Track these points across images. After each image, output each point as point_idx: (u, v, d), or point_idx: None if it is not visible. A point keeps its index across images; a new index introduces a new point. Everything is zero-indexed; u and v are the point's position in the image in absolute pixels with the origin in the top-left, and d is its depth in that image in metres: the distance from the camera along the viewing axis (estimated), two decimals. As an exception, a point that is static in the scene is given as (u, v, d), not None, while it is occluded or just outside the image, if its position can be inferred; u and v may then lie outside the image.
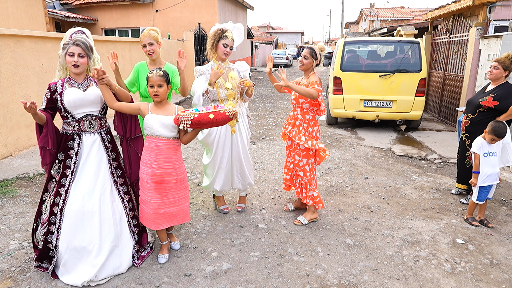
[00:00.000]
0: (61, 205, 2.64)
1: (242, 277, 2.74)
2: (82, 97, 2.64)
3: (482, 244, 3.25)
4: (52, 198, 2.67)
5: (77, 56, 2.60)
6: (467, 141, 4.02)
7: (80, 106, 2.65)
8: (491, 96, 3.79)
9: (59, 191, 2.66)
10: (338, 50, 7.65)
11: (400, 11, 35.96)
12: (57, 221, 2.63)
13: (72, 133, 2.69)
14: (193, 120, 2.52)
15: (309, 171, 3.53)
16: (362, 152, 6.11)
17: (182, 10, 15.02)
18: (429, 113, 9.61)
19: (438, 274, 2.81)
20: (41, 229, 2.70)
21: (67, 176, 2.67)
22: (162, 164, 2.72)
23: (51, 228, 2.65)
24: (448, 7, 8.31)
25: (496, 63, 3.82)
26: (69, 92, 2.62)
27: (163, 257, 2.91)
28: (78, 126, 2.68)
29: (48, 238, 2.66)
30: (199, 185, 4.53)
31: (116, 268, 2.71)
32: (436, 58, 9.54)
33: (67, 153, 2.69)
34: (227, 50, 3.40)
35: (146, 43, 3.28)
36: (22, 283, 2.61)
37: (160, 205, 2.76)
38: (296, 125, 3.53)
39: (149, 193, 2.74)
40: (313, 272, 2.82)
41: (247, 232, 3.40)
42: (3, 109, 5.22)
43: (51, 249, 2.67)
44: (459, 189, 4.33)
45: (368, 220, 3.67)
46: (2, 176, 4.61)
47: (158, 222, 2.79)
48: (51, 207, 2.66)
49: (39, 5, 10.38)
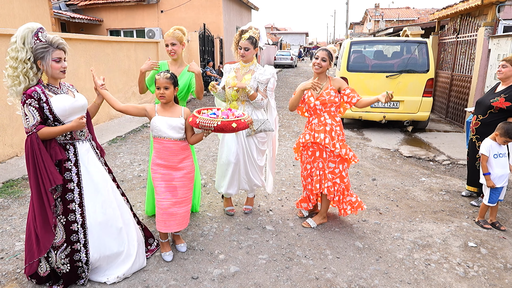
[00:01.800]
0: (80, 220, 2.48)
1: (250, 280, 2.70)
2: (75, 104, 2.47)
3: (495, 247, 3.18)
4: (62, 217, 2.46)
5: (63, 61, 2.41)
6: (477, 142, 3.93)
7: (72, 114, 2.46)
8: (503, 97, 3.72)
9: (68, 208, 2.46)
10: (344, 50, 7.59)
11: (406, 12, 35.78)
12: (81, 237, 2.49)
13: (64, 143, 2.48)
14: (216, 127, 2.55)
15: (345, 176, 3.40)
16: (369, 153, 6.05)
17: (187, 10, 15.01)
18: (436, 114, 9.52)
19: (451, 279, 2.75)
20: (60, 253, 2.47)
21: (72, 190, 2.48)
22: (172, 163, 2.75)
23: (75, 247, 2.48)
24: (456, 7, 8.22)
25: (504, 61, 3.78)
26: (58, 99, 2.39)
27: (168, 255, 2.91)
28: (70, 134, 2.49)
29: (75, 257, 2.50)
30: (205, 186, 4.49)
31: (141, 264, 2.77)
32: (443, 59, 9.45)
33: (64, 166, 2.46)
34: (242, 51, 3.41)
35: (169, 43, 3.24)
36: (27, 285, 2.58)
37: (170, 205, 2.76)
38: (327, 131, 3.29)
39: (160, 192, 2.76)
40: (322, 276, 2.76)
41: (255, 234, 3.35)
42: (8, 110, 5.21)
43: (80, 267, 2.53)
44: (469, 191, 4.26)
45: (377, 222, 3.61)
46: (7, 177, 4.59)
47: (168, 223, 2.79)
48: (65, 226, 2.46)
49: (45, 6, 10.40)
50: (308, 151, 3.43)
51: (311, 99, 3.35)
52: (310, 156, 3.42)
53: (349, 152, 3.34)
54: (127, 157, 5.67)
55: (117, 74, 8.62)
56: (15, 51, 2.33)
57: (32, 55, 2.35)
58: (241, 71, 3.49)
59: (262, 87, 3.44)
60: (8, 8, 8.97)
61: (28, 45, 2.34)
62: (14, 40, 2.34)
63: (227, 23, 16.15)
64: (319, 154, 3.37)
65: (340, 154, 3.30)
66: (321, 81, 3.35)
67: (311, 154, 3.41)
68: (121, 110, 2.71)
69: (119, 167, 5.19)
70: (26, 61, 2.34)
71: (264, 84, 3.43)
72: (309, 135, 3.36)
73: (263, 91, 3.45)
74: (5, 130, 5.17)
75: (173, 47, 3.24)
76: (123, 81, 8.86)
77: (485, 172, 3.48)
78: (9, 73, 2.35)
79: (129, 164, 5.33)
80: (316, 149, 3.37)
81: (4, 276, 2.68)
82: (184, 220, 2.86)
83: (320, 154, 3.37)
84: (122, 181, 4.65)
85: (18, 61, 2.33)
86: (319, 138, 3.28)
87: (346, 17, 33.98)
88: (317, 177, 3.40)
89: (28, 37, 2.34)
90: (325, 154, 3.35)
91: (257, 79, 3.40)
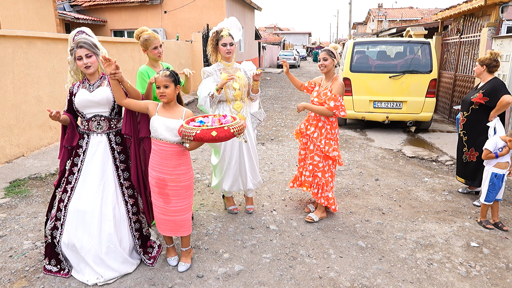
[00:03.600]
0: (66, 201, 2.70)
1: (254, 279, 2.74)
2: (89, 98, 2.67)
3: (497, 247, 3.20)
4: (60, 193, 2.74)
5: (85, 58, 2.61)
6: (464, 137, 4.19)
7: (88, 107, 2.70)
8: (481, 93, 3.95)
9: (66, 188, 2.73)
10: (348, 51, 7.61)
11: (409, 12, 35.70)
12: (62, 217, 2.69)
13: (82, 132, 2.77)
14: (195, 137, 2.39)
15: (327, 172, 3.57)
16: (372, 154, 6.07)
17: (190, 11, 15.07)
18: (439, 114, 9.52)
19: (453, 278, 2.78)
20: (49, 224, 2.73)
21: (74, 173, 2.74)
22: (165, 168, 2.62)
23: (57, 224, 2.70)
24: (459, 7, 8.22)
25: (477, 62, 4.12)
26: (79, 93, 2.70)
27: (173, 259, 2.89)
28: (87, 125, 2.75)
29: (53, 233, 2.71)
30: (209, 186, 4.53)
31: (118, 269, 2.69)
32: (447, 59, 9.45)
33: (77, 151, 2.76)
34: (227, 48, 3.39)
35: (158, 45, 3.24)
36: (36, 283, 2.63)
37: (164, 211, 2.70)
38: (319, 126, 3.55)
39: (155, 196, 2.72)
40: (325, 275, 2.80)
41: (259, 234, 3.39)
42: (15, 110, 5.28)
43: (56, 245, 2.71)
44: (467, 188, 4.38)
45: (380, 222, 3.64)
46: (14, 176, 4.65)
47: (162, 227, 2.76)
48: (58, 202, 2.73)
49: (50, 7, 10.48)
50: (303, 139, 3.74)
51: (314, 93, 3.63)
52: (304, 144, 3.74)
53: (334, 152, 3.51)
54: (132, 157, 5.72)
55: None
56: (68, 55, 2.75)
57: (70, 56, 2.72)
58: (230, 70, 3.47)
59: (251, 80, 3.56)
60: (14, 10, 9.05)
61: (69, 48, 2.73)
62: None
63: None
64: (309, 145, 3.66)
65: (322, 150, 3.50)
66: (328, 80, 3.56)
67: (305, 142, 3.73)
68: (123, 104, 2.68)
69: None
70: (69, 62, 2.74)
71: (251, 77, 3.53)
72: (304, 125, 3.71)
73: None
74: (12, 130, 5.24)
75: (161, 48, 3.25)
76: (127, 82, 8.91)
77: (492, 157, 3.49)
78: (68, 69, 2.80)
79: (134, 164, 5.37)
80: (308, 140, 3.67)
81: (13, 274, 2.73)
82: (182, 228, 2.74)
83: (313, 150, 3.60)
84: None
85: (68, 61, 2.76)
86: (309, 130, 3.61)
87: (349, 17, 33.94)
88: (303, 163, 3.77)
89: (70, 41, 2.73)
90: (312, 146, 3.60)
91: (247, 74, 3.53)
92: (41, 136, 5.81)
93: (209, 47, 3.48)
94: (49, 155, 5.53)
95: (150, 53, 3.23)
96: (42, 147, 5.86)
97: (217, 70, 3.45)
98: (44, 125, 5.89)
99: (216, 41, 3.42)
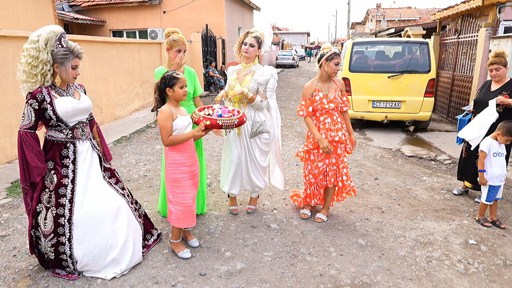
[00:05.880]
0: (68, 215, 2.58)
1: (256, 276, 2.77)
2: (78, 106, 2.59)
3: (495, 245, 3.25)
4: (54, 209, 2.58)
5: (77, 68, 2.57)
6: None
7: (75, 115, 2.59)
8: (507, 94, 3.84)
9: (59, 201, 2.58)
10: (347, 51, 7.66)
11: (407, 11, 35.80)
12: (67, 232, 2.59)
13: (65, 141, 2.61)
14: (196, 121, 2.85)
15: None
16: (371, 153, 6.11)
17: (189, 11, 15.09)
18: (438, 114, 9.58)
19: (452, 275, 2.82)
20: (47, 242, 2.61)
21: (66, 185, 2.60)
22: (193, 160, 2.92)
23: (60, 239, 2.59)
24: (457, 8, 8.28)
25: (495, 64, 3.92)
26: (62, 101, 2.51)
27: (187, 252, 3.00)
28: (71, 134, 2.61)
29: (60, 249, 2.62)
30: (210, 186, 4.57)
31: (136, 259, 2.82)
32: (445, 59, 9.51)
33: (61, 162, 2.61)
34: (245, 47, 3.42)
35: (182, 50, 3.28)
36: (40, 282, 2.66)
37: (193, 200, 2.91)
38: (340, 128, 3.50)
39: (189, 190, 2.86)
40: (326, 272, 2.84)
41: (260, 232, 3.42)
42: (16, 110, 5.30)
43: (64, 260, 2.64)
44: (461, 189, 4.36)
45: (380, 220, 3.68)
46: (16, 177, 4.68)
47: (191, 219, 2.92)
48: (55, 218, 2.58)
49: (49, 7, 10.48)
50: (319, 150, 3.50)
51: (324, 100, 3.43)
52: (322, 154, 3.51)
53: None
54: (133, 157, 5.76)
55: (121, 75, 8.70)
56: (36, 50, 2.39)
57: (51, 58, 2.44)
58: (242, 72, 3.51)
59: (262, 88, 3.45)
60: (13, 10, 9.06)
61: (49, 48, 2.43)
62: (36, 39, 2.40)
63: (229, 24, 16.23)
64: (332, 151, 3.47)
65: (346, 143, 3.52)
66: (326, 83, 3.50)
67: (322, 152, 3.48)
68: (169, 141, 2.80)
69: (125, 167, 5.27)
70: (46, 62, 2.42)
71: (264, 85, 3.44)
72: (325, 134, 3.46)
73: (263, 92, 3.46)
74: (13, 130, 5.26)
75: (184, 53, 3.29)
76: (127, 82, 8.94)
77: (481, 169, 3.56)
78: (25, 69, 2.41)
79: (135, 164, 5.41)
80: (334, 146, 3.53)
81: (18, 273, 2.76)
82: None
83: (334, 151, 3.50)
84: (129, 180, 4.74)
85: (39, 61, 2.40)
86: (337, 136, 3.45)
87: (347, 17, 33.99)
88: (332, 172, 3.56)
89: (51, 40, 2.43)
90: (339, 150, 3.51)
91: (257, 81, 3.42)
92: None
93: (236, 46, 3.55)
94: (50, 155, 5.55)
95: (172, 54, 3.30)
96: (43, 147, 5.88)
97: (234, 71, 3.58)
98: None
99: (243, 39, 3.47)
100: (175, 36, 3.27)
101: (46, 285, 2.62)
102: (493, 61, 3.89)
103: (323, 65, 3.41)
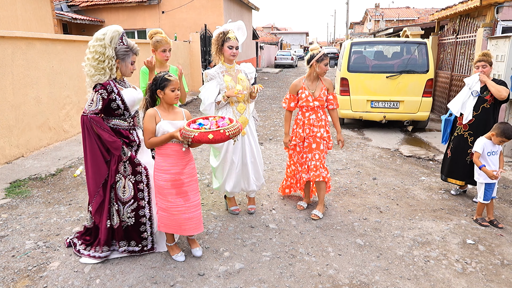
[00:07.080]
0: (145, 181, 2.87)
1: (254, 276, 2.78)
2: (139, 96, 2.93)
3: (493, 244, 3.26)
4: (131, 177, 2.84)
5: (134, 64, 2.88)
6: (469, 138, 4.12)
7: (136, 104, 2.93)
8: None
9: (136, 170, 2.85)
10: (345, 51, 7.67)
11: (406, 11, 35.87)
12: (146, 195, 2.89)
13: (128, 128, 2.91)
14: (193, 139, 2.51)
15: None
16: (370, 153, 6.13)
17: (188, 11, 15.10)
18: (436, 113, 9.60)
19: (449, 274, 2.83)
20: (127, 208, 2.86)
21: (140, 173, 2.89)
22: (179, 167, 2.74)
23: (141, 203, 2.88)
24: (455, 8, 8.30)
25: None
26: (128, 92, 2.84)
27: (180, 255, 2.97)
28: (133, 121, 2.94)
29: (140, 212, 2.89)
30: (209, 186, 4.57)
31: None
32: (443, 59, 9.53)
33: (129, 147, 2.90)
34: (233, 51, 3.41)
35: (167, 49, 3.36)
36: (39, 282, 2.67)
37: (185, 210, 2.78)
38: (323, 125, 3.73)
39: (172, 199, 2.76)
40: (324, 272, 2.85)
41: (258, 233, 3.43)
42: (15, 111, 5.30)
43: (143, 223, 2.91)
44: (459, 189, 4.39)
45: (378, 220, 3.70)
46: (15, 177, 4.68)
47: (187, 227, 2.81)
48: (134, 185, 2.84)
49: (47, 7, 10.48)
50: (304, 142, 3.76)
51: (310, 98, 3.66)
52: (306, 147, 3.75)
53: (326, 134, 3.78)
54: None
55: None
56: (103, 47, 2.69)
57: (115, 54, 2.75)
58: (232, 72, 3.49)
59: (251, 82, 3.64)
60: (11, 10, 9.05)
61: (113, 45, 2.73)
62: (102, 38, 2.70)
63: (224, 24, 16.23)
64: (315, 146, 3.69)
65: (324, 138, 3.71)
66: (314, 82, 3.70)
67: (307, 145, 3.74)
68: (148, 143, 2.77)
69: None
70: (111, 58, 2.73)
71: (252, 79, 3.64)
72: (309, 129, 3.70)
73: None
74: (12, 131, 5.26)
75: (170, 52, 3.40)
76: (126, 82, 8.94)
77: (480, 165, 3.57)
78: (92, 63, 2.71)
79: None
80: (312, 142, 3.71)
81: (17, 273, 2.77)
82: (200, 223, 2.88)
83: (317, 146, 3.69)
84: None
85: (105, 56, 2.70)
86: (319, 132, 3.69)
87: (346, 17, 34.03)
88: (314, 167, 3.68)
89: (115, 38, 2.74)
90: (322, 146, 3.70)
91: (249, 76, 3.61)
92: (40, 137, 5.83)
93: (214, 47, 3.47)
94: (48, 155, 5.55)
95: (158, 55, 3.38)
96: (42, 147, 5.88)
97: (220, 73, 3.46)
98: (44, 126, 5.91)
99: (221, 42, 3.40)
100: (157, 36, 3.33)
101: (45, 285, 2.63)
102: (480, 59, 4.07)
103: (313, 66, 3.61)
